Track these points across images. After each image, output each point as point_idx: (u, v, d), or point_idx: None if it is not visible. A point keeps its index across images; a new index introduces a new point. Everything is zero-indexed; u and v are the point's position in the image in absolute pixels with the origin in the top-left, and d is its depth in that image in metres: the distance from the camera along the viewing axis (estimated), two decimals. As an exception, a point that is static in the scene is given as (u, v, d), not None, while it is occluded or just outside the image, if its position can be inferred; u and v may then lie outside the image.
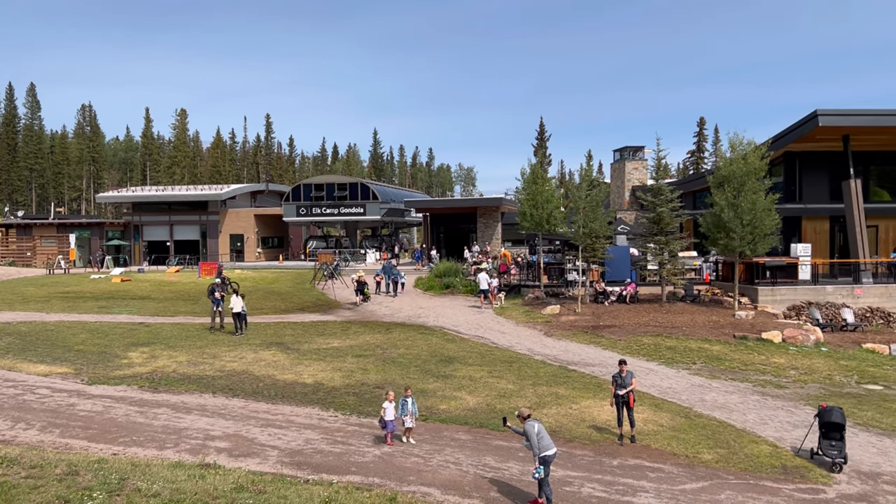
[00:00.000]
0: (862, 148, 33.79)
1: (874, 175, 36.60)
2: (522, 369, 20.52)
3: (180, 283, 42.53)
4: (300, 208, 56.48)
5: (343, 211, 56.22)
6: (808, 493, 11.78)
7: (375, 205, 55.56)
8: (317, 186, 57.15)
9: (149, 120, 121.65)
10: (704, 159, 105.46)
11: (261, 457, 12.87)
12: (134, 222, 59.46)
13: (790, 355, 23.39)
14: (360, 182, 58.22)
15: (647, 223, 31.75)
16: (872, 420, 16.36)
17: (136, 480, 10.45)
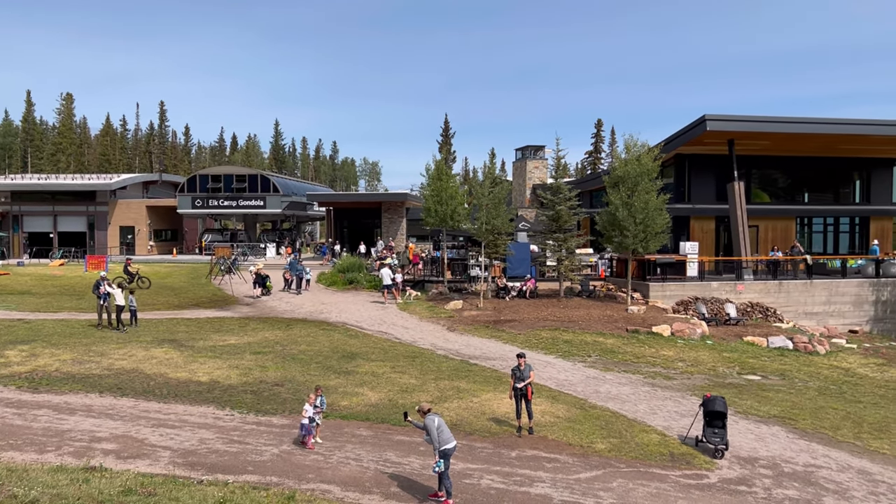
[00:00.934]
0: (746, 152, 35.93)
1: (756, 178, 38.99)
2: (425, 364, 20.60)
3: (65, 277, 40.09)
4: (196, 200, 54.46)
5: (242, 203, 54.65)
6: (693, 478, 12.42)
7: (276, 198, 54.32)
8: (214, 178, 55.27)
9: (30, 103, 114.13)
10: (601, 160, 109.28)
11: (151, 458, 12.31)
12: (13, 212, 55.54)
13: (678, 348, 24.59)
14: (261, 174, 56.78)
15: (546, 221, 32.56)
16: (751, 408, 17.43)
17: (12, 486, 9.76)
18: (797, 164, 38.95)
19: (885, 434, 15.84)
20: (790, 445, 14.59)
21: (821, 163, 38.94)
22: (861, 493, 12.00)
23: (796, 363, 24.03)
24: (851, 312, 32.93)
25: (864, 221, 39.90)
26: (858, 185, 40.25)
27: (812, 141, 35.63)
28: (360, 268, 38.56)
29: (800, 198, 39.81)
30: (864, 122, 34.72)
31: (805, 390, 20.21)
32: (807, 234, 39.79)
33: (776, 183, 39.74)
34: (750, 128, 33.31)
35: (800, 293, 32.48)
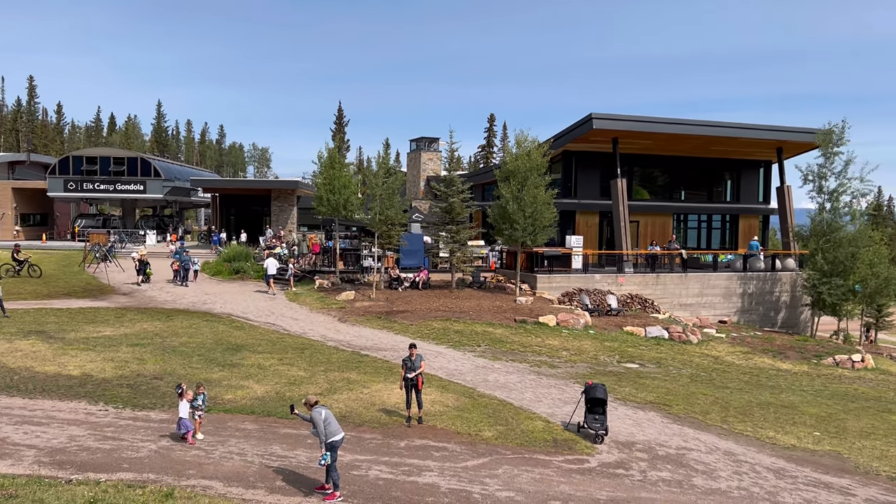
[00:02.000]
0: (629, 151, 37.55)
1: (637, 176, 40.85)
2: (315, 356, 20.26)
3: (-85, 263, 36.55)
4: (69, 183, 51.06)
5: (120, 188, 51.73)
6: (575, 463, 12.87)
7: (157, 182, 51.79)
8: (89, 160, 52.00)
9: None
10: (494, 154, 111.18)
11: (14, 458, 11.43)
12: None
13: (563, 337, 25.42)
14: (141, 157, 53.95)
15: (439, 212, 32.78)
16: (629, 395, 18.27)
17: None
18: (675, 163, 41.10)
19: (748, 417, 17.02)
20: (664, 430, 15.40)
21: (697, 163, 41.28)
22: (726, 473, 12.83)
23: (671, 352, 25.41)
24: (721, 304, 35.17)
25: (734, 219, 42.68)
26: (730, 184, 42.98)
27: (688, 142, 37.72)
28: (248, 257, 37.43)
29: (677, 195, 42.04)
30: (734, 126, 37.08)
31: (679, 377, 21.40)
32: (683, 229, 42.11)
33: (656, 181, 41.79)
34: (632, 127, 34.84)
35: (675, 286, 34.36)
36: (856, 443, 15.49)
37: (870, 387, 23.64)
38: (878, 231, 37.49)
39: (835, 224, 33.14)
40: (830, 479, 12.87)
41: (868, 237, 33.41)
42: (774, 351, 27.57)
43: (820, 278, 32.58)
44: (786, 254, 38.21)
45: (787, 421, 16.98)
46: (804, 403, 19.19)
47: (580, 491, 11.40)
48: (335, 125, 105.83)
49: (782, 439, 15.38)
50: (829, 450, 14.85)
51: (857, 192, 33.33)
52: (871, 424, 17.27)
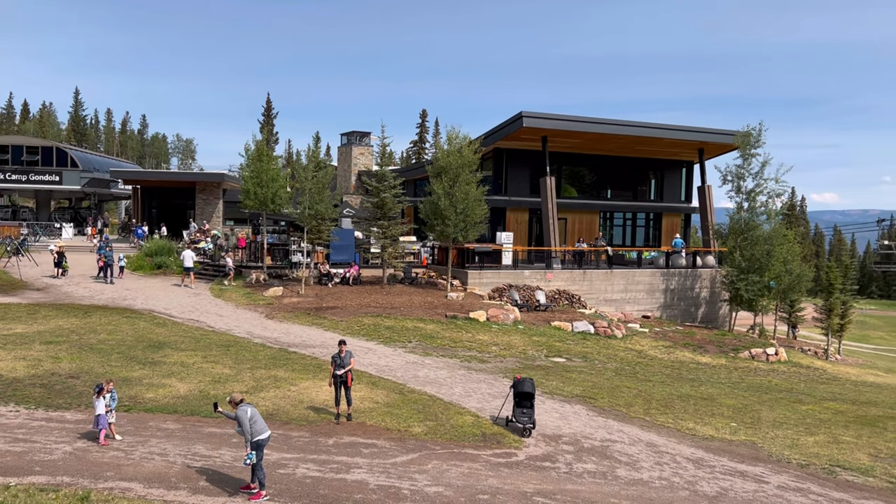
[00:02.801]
0: (558, 149, 38.19)
1: (566, 174, 41.61)
2: (240, 353, 19.81)
3: None
4: (-22, 172, 48.30)
5: (34, 178, 49.29)
6: (503, 457, 13.00)
7: (75, 173, 49.60)
8: (0, 148, 49.32)
9: None
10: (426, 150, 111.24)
11: (-89, 465, 10.72)
12: None
13: (493, 332, 25.67)
14: (57, 146, 51.53)
15: (371, 208, 32.56)
16: (556, 389, 18.60)
17: None
18: (603, 162, 42.04)
19: (669, 410, 17.58)
20: (590, 422, 15.74)
21: (623, 162, 42.34)
22: (648, 464, 13.21)
23: (596, 346, 26.01)
24: (645, 299, 36.23)
25: (657, 217, 44.00)
26: (654, 184, 44.28)
27: (615, 141, 38.65)
28: (171, 251, 36.29)
29: (604, 194, 43.04)
30: (658, 126, 38.21)
31: (604, 371, 21.92)
32: (609, 227, 43.14)
33: (584, 179, 42.66)
34: (561, 126, 35.45)
35: (601, 281, 35.18)
36: (769, 432, 16.21)
37: (782, 379, 24.81)
38: (792, 230, 39.40)
39: (752, 223, 34.59)
40: (745, 468, 13.41)
41: (782, 236, 35.04)
42: (695, 345, 28.58)
43: (738, 275, 33.94)
44: (706, 251, 39.65)
45: (706, 412, 17.62)
46: (722, 395, 19.95)
47: (508, 484, 11.52)
48: (263, 117, 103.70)
49: (701, 430, 15.95)
50: (745, 439, 15.48)
51: (773, 192, 34.92)
52: (783, 414, 18.10)
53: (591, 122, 36.44)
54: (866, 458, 14.71)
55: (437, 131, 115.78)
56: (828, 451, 15.02)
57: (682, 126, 38.93)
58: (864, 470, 13.81)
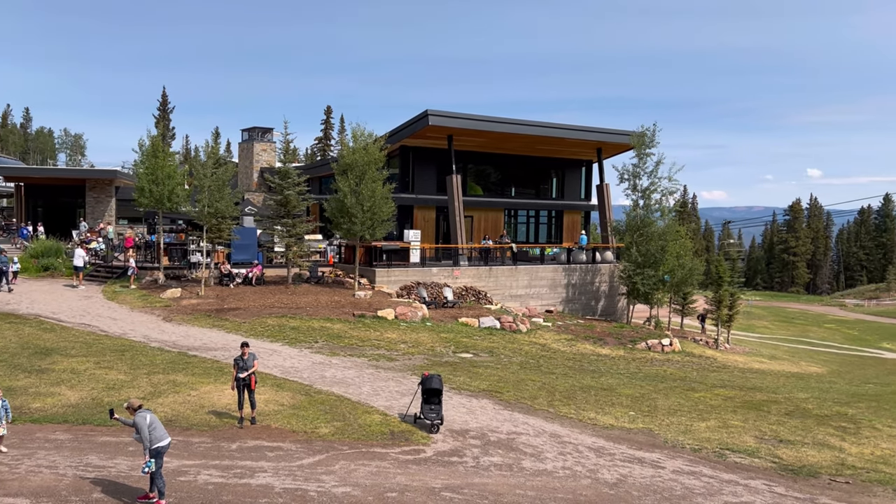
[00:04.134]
0: (463, 148, 38.59)
1: (471, 172, 42.11)
2: (136, 358, 18.96)
3: None
4: None
5: None
6: (411, 454, 13.04)
7: (-51, 170, 45.95)
8: None
9: None
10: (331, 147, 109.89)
11: None
12: None
13: (401, 330, 25.68)
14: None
15: (274, 205, 31.86)
16: (464, 384, 18.82)
17: None
18: (507, 161, 42.82)
19: (572, 401, 18.12)
20: (496, 416, 16.02)
21: (526, 161, 43.27)
22: (552, 454, 13.58)
23: (502, 341, 26.49)
24: (548, 294, 37.17)
25: (559, 214, 45.23)
26: (555, 182, 45.50)
27: (518, 140, 39.42)
28: (59, 252, 34.28)
29: (508, 192, 43.85)
30: (558, 126, 39.24)
31: (509, 365, 22.35)
32: (513, 224, 44.00)
33: (489, 177, 43.31)
34: (466, 125, 35.83)
35: (506, 278, 35.84)
36: (665, 419, 16.98)
37: (676, 368, 26.05)
38: (684, 226, 41.39)
39: (647, 219, 36.09)
40: (643, 455, 14.01)
41: (675, 231, 36.74)
42: (595, 337, 29.58)
43: (634, 269, 35.34)
44: (605, 247, 41.10)
45: (606, 402, 18.28)
46: (621, 385, 20.75)
47: (416, 481, 11.57)
48: (159, 111, 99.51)
49: (602, 419, 16.53)
50: (643, 427, 16.16)
51: (666, 190, 36.56)
52: (677, 402, 19.01)
53: (495, 121, 37.02)
54: (752, 440, 15.66)
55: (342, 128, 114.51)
56: (718, 435, 15.88)
57: (582, 126, 40.16)
58: (750, 451, 14.69)
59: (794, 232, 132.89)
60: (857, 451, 15.38)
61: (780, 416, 18.17)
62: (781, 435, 16.19)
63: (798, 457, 14.55)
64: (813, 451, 15.06)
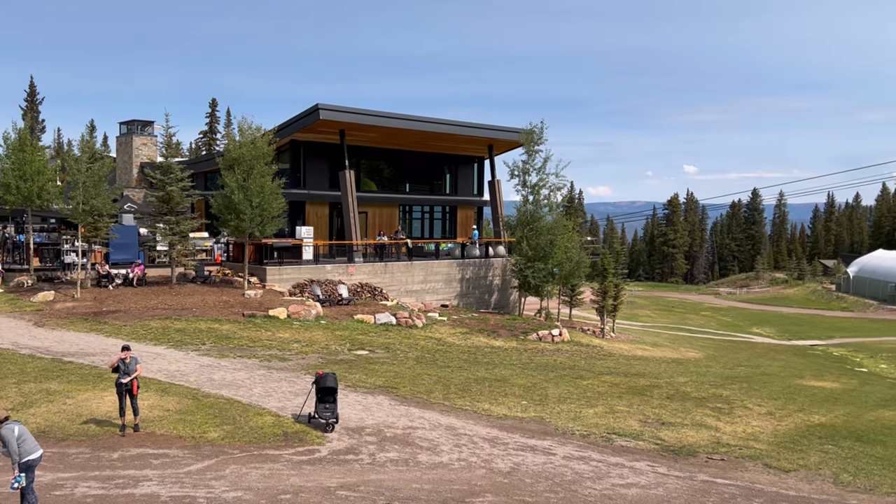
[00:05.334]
0: (356, 143, 38.22)
1: (365, 168, 41.79)
2: (4, 366, 17.60)
3: None
4: None
5: None
6: (306, 454, 12.80)
7: None
8: None
9: None
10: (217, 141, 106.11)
11: None
12: None
13: (294, 329, 25.16)
14: None
15: (156, 202, 30.42)
16: (360, 381, 18.66)
17: None
18: (401, 156, 42.80)
19: (467, 393, 18.35)
20: (392, 412, 15.99)
21: (420, 157, 43.41)
22: (448, 447, 13.70)
23: (399, 336, 26.48)
24: (443, 289, 37.48)
25: (452, 210, 45.69)
26: (449, 178, 45.91)
27: (412, 136, 39.49)
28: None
29: (402, 188, 43.85)
30: (451, 123, 39.65)
31: (406, 361, 22.37)
32: (408, 220, 44.06)
33: (383, 173, 43.15)
34: (358, 120, 35.52)
35: (402, 273, 35.85)
36: (555, 407, 17.51)
37: (566, 357, 26.91)
38: (571, 220, 42.79)
39: (536, 214, 37.07)
40: (535, 443, 14.38)
41: (563, 226, 37.94)
42: (489, 330, 30.10)
43: (525, 263, 36.23)
44: (497, 241, 41.89)
45: (500, 393, 18.63)
46: (514, 376, 21.22)
47: (311, 481, 11.36)
48: (26, 103, 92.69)
49: (496, 410, 16.84)
50: (534, 416, 16.60)
51: (554, 186, 37.68)
52: (567, 390, 19.64)
53: (388, 116, 36.90)
54: (637, 423, 16.41)
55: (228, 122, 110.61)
56: (605, 420, 16.54)
57: (473, 123, 40.72)
58: (634, 435, 15.39)
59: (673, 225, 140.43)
60: (731, 429, 16.45)
61: (661, 399, 19.15)
62: (663, 418, 17.07)
63: (678, 437, 15.39)
64: (692, 431, 15.96)
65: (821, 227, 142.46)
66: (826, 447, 15.23)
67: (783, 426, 17.07)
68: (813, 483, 12.91)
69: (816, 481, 13.02)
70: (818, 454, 14.67)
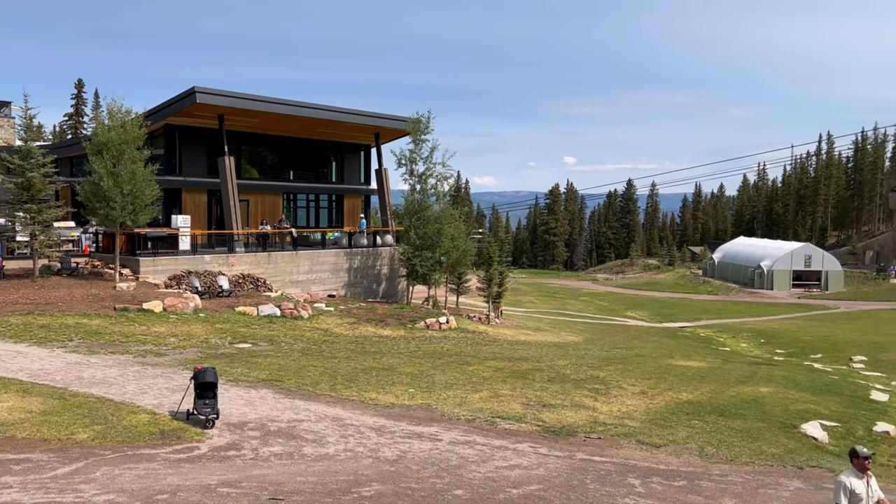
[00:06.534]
0: (237, 128, 36.93)
1: (246, 154, 40.46)
2: None
3: None
4: None
5: None
6: (184, 452, 12.29)
7: None
8: None
9: None
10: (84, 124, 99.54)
11: None
12: None
13: (171, 323, 24.08)
14: None
15: (15, 189, 28.16)
16: (242, 375, 18.12)
17: None
18: (285, 143, 41.76)
19: (354, 383, 18.23)
20: (276, 405, 15.63)
21: (305, 144, 42.52)
22: (334, 438, 13.56)
23: (283, 328, 25.92)
24: (330, 279, 37.02)
25: (339, 199, 45.12)
26: (335, 166, 45.28)
27: (295, 123, 38.62)
28: None
29: (286, 175, 42.83)
30: (336, 110, 39.09)
31: (291, 353, 21.94)
32: (293, 209, 43.12)
33: (266, 160, 41.95)
34: (238, 104, 34.32)
35: (287, 263, 35.08)
36: (442, 394, 17.72)
37: (453, 344, 27.29)
38: (458, 210, 43.40)
39: (424, 203, 37.31)
40: (422, 429, 14.49)
41: (450, 215, 38.42)
42: (377, 319, 30.03)
43: (413, 252, 36.40)
44: (385, 231, 41.82)
45: (387, 382, 18.64)
46: (401, 364, 21.28)
47: (189, 480, 10.92)
48: None
49: (383, 399, 16.83)
50: (421, 403, 16.72)
51: (441, 175, 38.07)
52: (453, 376, 19.92)
53: (269, 101, 35.86)
54: (520, 407, 16.89)
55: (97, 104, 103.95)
56: (490, 405, 16.91)
57: (359, 111, 40.35)
58: (517, 418, 15.83)
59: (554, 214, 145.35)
60: (607, 409, 17.24)
61: (543, 382, 19.80)
62: (545, 400, 17.65)
63: (559, 419, 15.96)
64: (571, 412, 16.60)
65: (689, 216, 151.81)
66: (693, 422, 16.26)
67: (655, 404, 18.07)
68: (681, 457, 13.75)
69: (684, 455, 13.88)
70: (686, 429, 15.63)
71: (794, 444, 14.99)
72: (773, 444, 14.76)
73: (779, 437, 15.38)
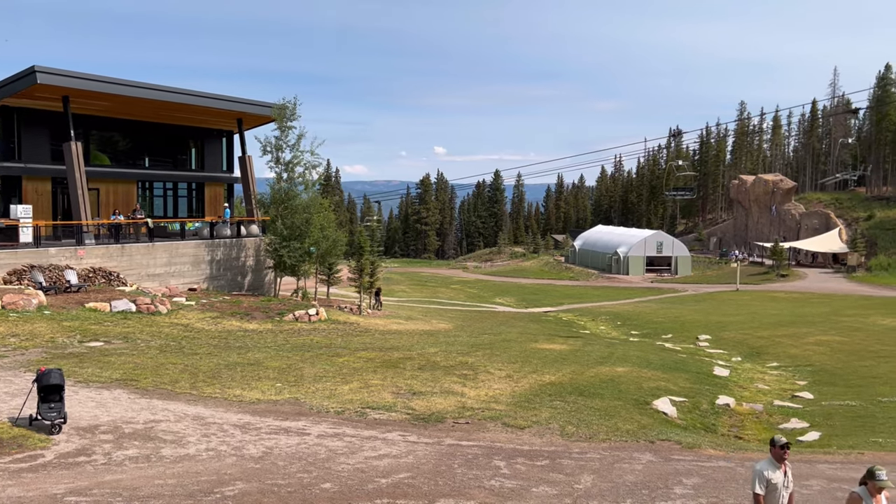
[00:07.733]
0: (85, 111, 34.34)
1: (96, 139, 37.76)
2: None
3: None
4: None
5: None
6: (27, 461, 11.34)
7: None
8: None
9: None
10: None
11: None
12: None
13: (11, 322, 22.16)
14: None
15: None
16: (93, 375, 16.96)
17: None
18: (139, 128, 39.34)
19: (216, 380, 17.54)
20: (132, 406, 14.76)
21: (162, 129, 40.25)
22: (195, 437, 12.98)
23: (140, 325, 24.52)
24: (191, 272, 35.37)
25: (199, 187, 43.14)
26: (195, 152, 43.21)
27: (150, 106, 36.42)
28: None
29: (141, 162, 40.40)
30: (193, 94, 37.24)
31: (147, 350, 20.79)
32: (149, 198, 40.77)
33: (118, 146, 39.37)
34: (85, 86, 31.95)
35: (142, 256, 33.15)
36: (311, 387, 17.42)
37: (323, 336, 26.92)
38: (328, 199, 42.77)
39: (291, 192, 36.45)
40: (289, 424, 14.18)
41: (319, 204, 37.76)
42: (242, 313, 29.05)
43: (281, 242, 35.50)
44: (250, 220, 40.48)
45: (253, 377, 18.09)
46: (268, 359, 20.72)
47: (33, 490, 10.08)
48: None
49: (248, 395, 16.32)
50: (289, 397, 16.36)
51: (309, 163, 37.32)
52: (323, 369, 19.65)
53: (119, 83, 33.56)
54: (390, 396, 16.92)
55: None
56: (360, 395, 16.82)
57: (219, 95, 38.70)
58: (387, 407, 15.85)
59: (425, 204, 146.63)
60: (475, 394, 17.64)
61: (413, 370, 19.95)
62: (415, 388, 17.79)
63: (428, 406, 16.14)
64: (440, 399, 16.84)
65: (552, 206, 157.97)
66: (555, 403, 16.96)
67: (520, 387, 18.69)
68: (544, 437, 14.30)
69: (547, 435, 14.45)
70: (548, 410, 16.28)
71: (646, 420, 15.99)
72: (627, 421, 15.67)
73: (633, 414, 16.36)
